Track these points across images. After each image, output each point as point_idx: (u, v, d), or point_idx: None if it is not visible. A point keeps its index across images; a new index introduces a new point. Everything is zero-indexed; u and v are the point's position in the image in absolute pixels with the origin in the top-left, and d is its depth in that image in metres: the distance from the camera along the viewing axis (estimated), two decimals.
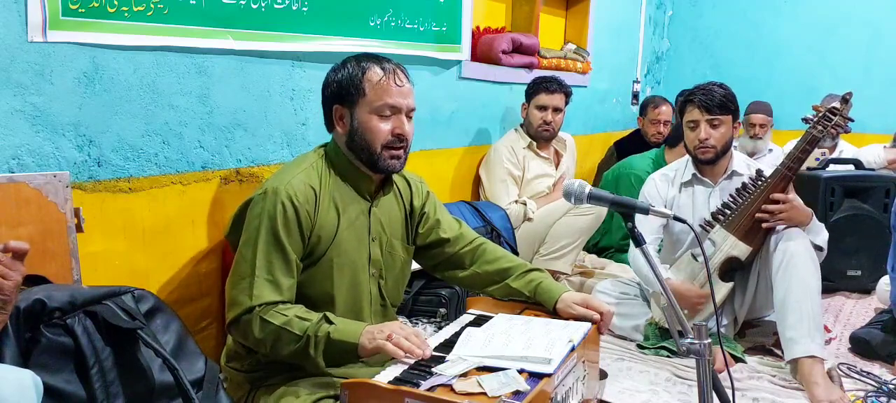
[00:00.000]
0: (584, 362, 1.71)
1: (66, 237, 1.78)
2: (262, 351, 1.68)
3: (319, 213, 1.73)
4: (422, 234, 1.96)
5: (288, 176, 1.73)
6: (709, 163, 2.74)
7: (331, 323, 1.63)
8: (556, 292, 1.88)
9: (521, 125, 3.57)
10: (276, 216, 1.66)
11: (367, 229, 1.82)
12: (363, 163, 1.78)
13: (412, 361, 1.54)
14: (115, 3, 1.89)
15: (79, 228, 1.81)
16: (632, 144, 4.39)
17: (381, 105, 1.73)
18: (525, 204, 3.35)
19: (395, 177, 1.90)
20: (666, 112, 4.33)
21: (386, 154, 1.75)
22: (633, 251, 2.84)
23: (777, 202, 2.53)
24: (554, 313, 1.87)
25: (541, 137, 3.48)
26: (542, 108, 3.43)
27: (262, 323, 1.63)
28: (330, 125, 1.82)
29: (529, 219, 3.34)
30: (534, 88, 3.47)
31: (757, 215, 2.55)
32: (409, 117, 1.78)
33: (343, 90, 1.75)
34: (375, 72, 1.73)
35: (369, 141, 1.74)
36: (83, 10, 1.83)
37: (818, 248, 2.60)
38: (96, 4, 1.85)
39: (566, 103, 3.51)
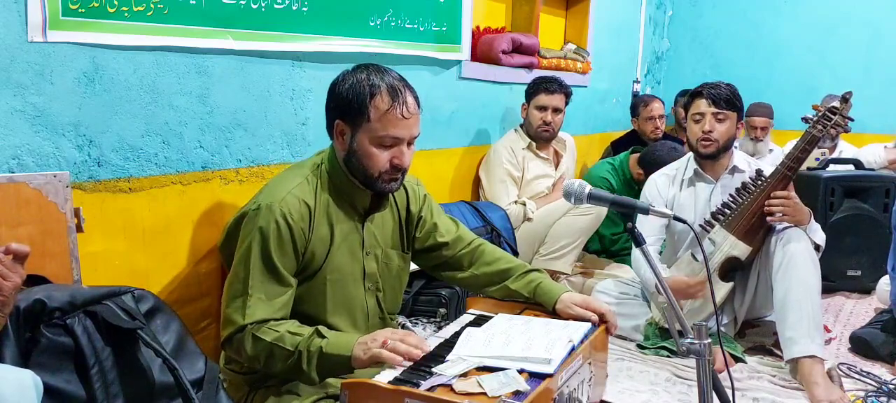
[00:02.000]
0: (590, 364, 1.71)
1: (66, 237, 1.78)
2: (256, 367, 1.68)
3: (313, 230, 1.71)
4: (419, 239, 1.95)
5: (282, 191, 1.69)
6: (710, 159, 2.75)
7: (323, 336, 1.61)
8: (556, 292, 1.88)
9: (521, 125, 3.57)
10: (270, 234, 1.64)
11: (361, 244, 1.80)
12: (359, 181, 1.75)
13: (410, 364, 1.53)
14: (115, 3, 1.89)
15: (79, 228, 1.81)
16: (628, 144, 4.41)
17: (383, 135, 1.67)
18: (524, 205, 3.35)
19: None
20: (658, 108, 4.37)
21: (382, 178, 1.72)
22: (635, 251, 2.84)
23: (779, 198, 2.53)
24: (553, 313, 1.87)
25: (540, 138, 3.48)
26: (542, 109, 3.43)
27: (254, 340, 1.61)
28: (331, 134, 1.78)
29: (529, 219, 3.34)
30: (534, 88, 3.46)
31: (765, 209, 2.55)
32: (409, 145, 1.73)
33: (348, 107, 1.68)
34: (383, 99, 1.66)
35: (366, 166, 1.70)
36: (83, 10, 1.82)
37: (816, 247, 2.60)
38: (96, 4, 1.85)
39: (566, 103, 3.51)
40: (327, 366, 1.60)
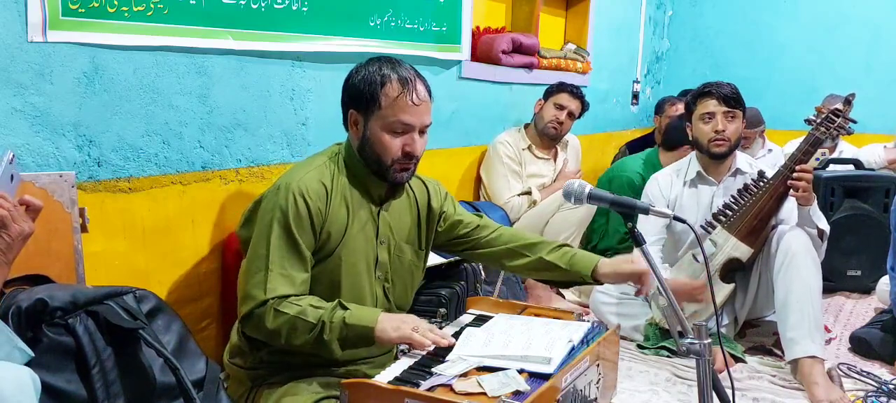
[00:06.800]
0: (598, 365, 1.70)
1: (71, 237, 1.78)
2: (276, 343, 1.67)
3: (331, 210, 1.74)
4: (442, 232, 1.96)
5: (301, 173, 1.74)
6: (721, 158, 2.74)
7: (345, 308, 1.64)
8: (594, 259, 1.86)
9: (526, 125, 3.59)
10: (289, 211, 1.67)
11: (375, 232, 1.82)
12: (372, 171, 1.78)
13: (423, 353, 1.57)
14: (115, 3, 1.89)
15: (83, 228, 1.81)
16: (644, 146, 4.40)
17: (394, 121, 1.70)
18: (529, 193, 3.37)
19: (411, 180, 1.90)
20: (682, 108, 4.34)
21: (395, 167, 1.74)
22: (636, 252, 2.83)
23: (806, 173, 2.52)
24: (593, 281, 1.84)
25: (546, 133, 3.50)
26: (560, 108, 3.47)
27: (276, 313, 1.63)
28: (346, 125, 1.81)
29: (535, 203, 3.35)
30: (557, 88, 3.51)
31: (789, 182, 2.54)
32: (422, 133, 1.76)
33: (360, 96, 1.73)
34: (393, 87, 1.70)
35: (379, 153, 1.73)
36: (83, 10, 1.82)
37: (821, 233, 2.60)
38: (96, 4, 1.85)
39: (579, 115, 3.56)
40: (350, 337, 1.63)
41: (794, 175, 2.53)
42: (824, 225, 2.63)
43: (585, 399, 1.63)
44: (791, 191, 2.55)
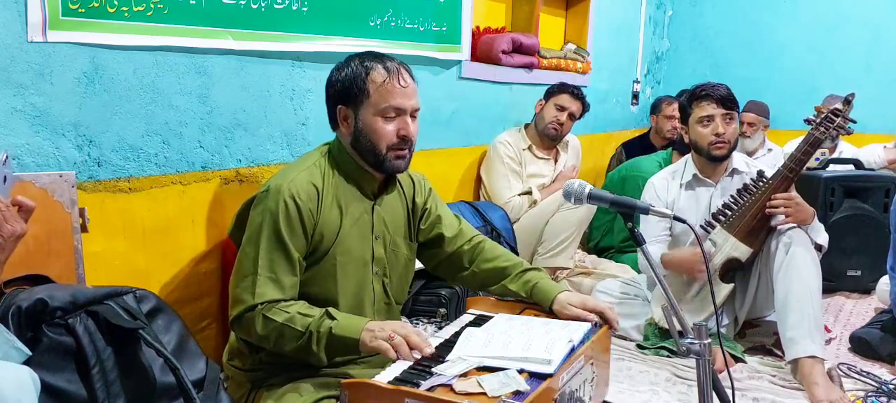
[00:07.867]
0: (592, 364, 1.71)
1: (71, 237, 1.78)
2: (266, 347, 1.69)
3: (322, 211, 1.74)
4: (423, 230, 1.97)
5: (291, 174, 1.73)
6: (722, 160, 2.73)
7: (333, 318, 1.64)
8: (552, 292, 1.88)
9: (526, 125, 3.58)
10: (279, 214, 1.67)
11: (371, 227, 1.82)
12: (368, 163, 1.78)
13: (411, 362, 1.54)
14: (115, 3, 1.89)
15: (83, 228, 1.81)
16: (640, 145, 4.40)
17: (385, 107, 1.72)
18: (530, 193, 3.37)
19: (399, 175, 1.91)
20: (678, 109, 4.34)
21: (391, 154, 1.75)
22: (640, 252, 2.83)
23: (781, 199, 2.53)
24: (550, 313, 1.87)
25: (546, 134, 3.50)
26: (561, 109, 3.47)
27: (265, 320, 1.64)
28: (334, 124, 1.82)
29: (535, 203, 3.35)
30: (559, 88, 3.51)
31: (767, 209, 2.55)
32: (413, 117, 1.78)
33: (347, 90, 1.75)
34: (379, 73, 1.73)
35: (374, 142, 1.74)
36: (83, 10, 1.83)
37: (818, 248, 2.60)
38: (96, 4, 1.85)
39: (580, 116, 3.57)
40: (336, 348, 1.63)
41: (769, 204, 2.54)
42: (823, 240, 2.64)
43: (580, 399, 1.63)
44: (772, 219, 2.55)
